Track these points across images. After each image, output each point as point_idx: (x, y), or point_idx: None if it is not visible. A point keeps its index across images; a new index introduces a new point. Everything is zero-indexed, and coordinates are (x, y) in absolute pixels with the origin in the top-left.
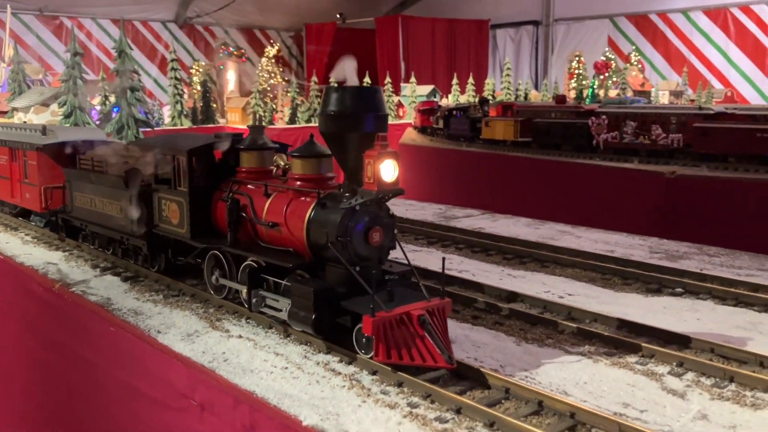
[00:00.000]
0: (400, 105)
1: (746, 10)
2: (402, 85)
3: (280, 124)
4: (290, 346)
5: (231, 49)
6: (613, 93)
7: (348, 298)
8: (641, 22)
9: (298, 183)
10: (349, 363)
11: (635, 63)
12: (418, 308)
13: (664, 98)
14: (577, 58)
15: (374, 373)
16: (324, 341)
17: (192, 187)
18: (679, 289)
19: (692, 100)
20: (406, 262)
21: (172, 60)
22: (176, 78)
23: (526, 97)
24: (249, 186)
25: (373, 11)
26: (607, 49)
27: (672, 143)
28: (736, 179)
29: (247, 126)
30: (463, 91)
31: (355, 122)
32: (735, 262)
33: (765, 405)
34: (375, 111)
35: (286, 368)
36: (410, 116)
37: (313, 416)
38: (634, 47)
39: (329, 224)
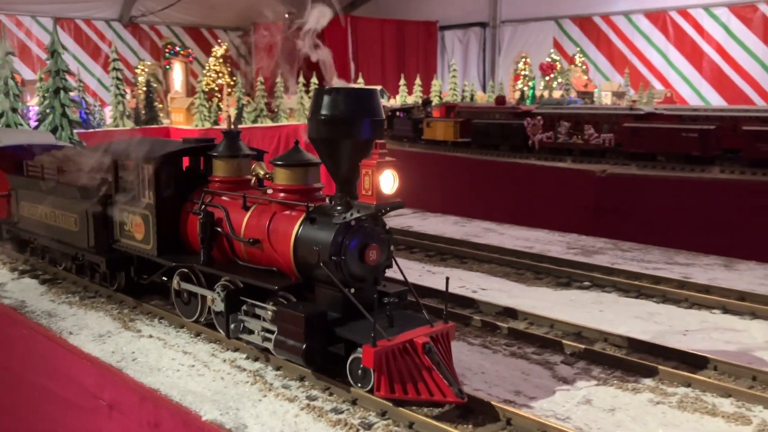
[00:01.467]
0: None
1: (684, 13)
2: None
3: (225, 125)
4: (199, 344)
5: (177, 48)
6: (557, 94)
7: (342, 324)
8: (585, 24)
9: (282, 195)
10: (255, 359)
11: (579, 64)
12: (421, 335)
13: (606, 99)
14: (523, 60)
15: (278, 368)
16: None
17: (159, 199)
18: (587, 283)
19: (634, 101)
20: (399, 278)
21: (114, 60)
22: (118, 78)
23: (472, 98)
24: (224, 197)
25: None
26: (552, 50)
27: (604, 143)
28: (661, 177)
29: (222, 131)
30: (410, 92)
31: (350, 128)
32: (646, 256)
33: (645, 389)
34: (371, 116)
35: (193, 366)
36: None
37: (214, 411)
38: (578, 49)
39: (321, 242)
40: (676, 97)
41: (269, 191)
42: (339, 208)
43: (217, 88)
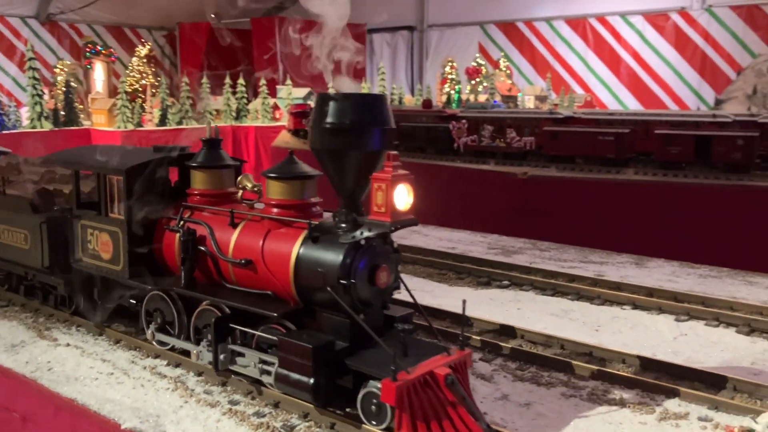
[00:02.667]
0: (276, 107)
1: (602, 20)
2: (278, 87)
3: (149, 126)
4: (118, 352)
5: (99, 47)
6: (482, 98)
7: (351, 354)
8: (509, 29)
9: (276, 210)
10: (176, 365)
11: (504, 69)
12: (441, 365)
13: (530, 103)
14: (450, 64)
15: (200, 374)
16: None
17: (131, 214)
18: (506, 282)
19: (555, 105)
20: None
21: (30, 59)
22: (35, 77)
23: (400, 101)
24: (206, 213)
25: (249, 12)
26: (478, 55)
27: (525, 146)
28: (579, 179)
29: (201, 139)
30: None
31: (359, 138)
32: (562, 255)
33: (558, 383)
34: (382, 124)
35: (112, 374)
36: (285, 119)
37: (133, 419)
38: (502, 53)
39: (327, 263)
40: (595, 101)
41: (258, 206)
42: (344, 225)
43: (140, 89)
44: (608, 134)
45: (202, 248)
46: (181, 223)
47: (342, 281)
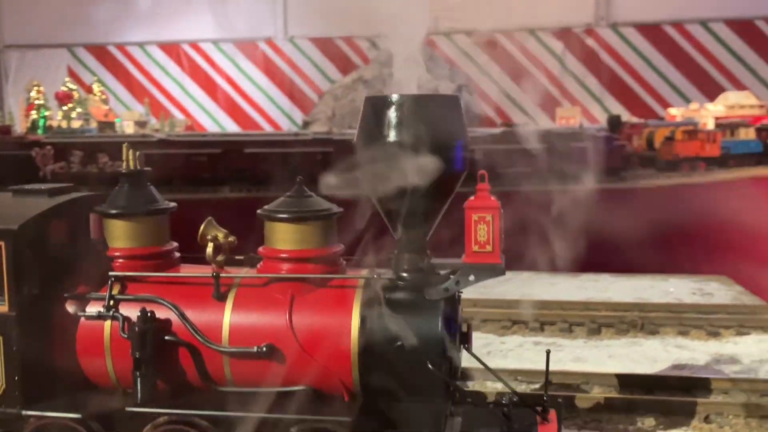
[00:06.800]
0: None
1: (196, 47)
2: None
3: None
4: None
5: None
6: (77, 124)
7: None
8: (100, 53)
9: (288, 266)
10: None
11: (98, 94)
12: None
13: (129, 128)
14: (36, 88)
15: None
16: None
17: (21, 302)
18: None
19: (156, 130)
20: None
21: None
22: None
23: None
24: (156, 284)
25: None
26: (67, 79)
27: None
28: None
29: (118, 172)
30: None
31: (439, 155)
32: None
33: None
34: (464, 137)
35: None
36: None
37: None
38: (95, 78)
39: (424, 333)
40: (195, 125)
41: (243, 269)
42: (405, 275)
43: None
44: (202, 155)
45: (170, 338)
46: (110, 303)
47: (447, 353)
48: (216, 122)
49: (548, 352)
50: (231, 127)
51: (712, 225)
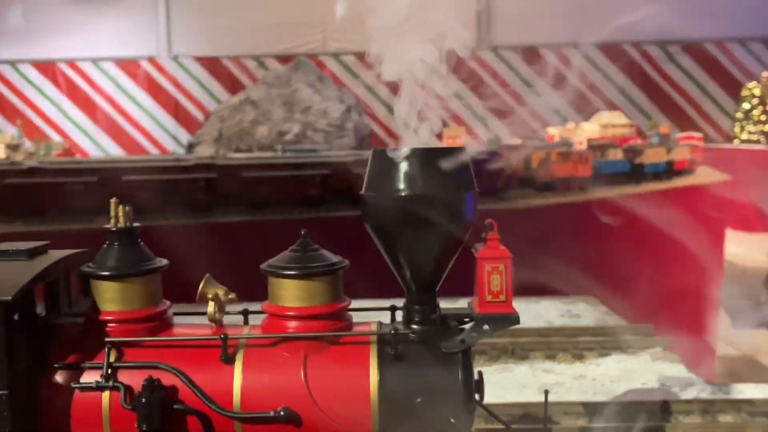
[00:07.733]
0: None
1: (74, 66)
2: None
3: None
4: None
5: None
6: None
7: None
8: None
9: (295, 324)
10: None
11: None
12: None
13: (1, 152)
14: None
15: None
16: None
17: (15, 377)
18: None
19: (32, 153)
20: None
21: None
22: None
23: None
24: (157, 347)
25: None
26: None
27: None
28: (53, 232)
29: (103, 229)
30: None
31: (449, 207)
32: None
33: None
34: (473, 188)
35: None
36: None
37: None
38: None
39: (443, 389)
40: (75, 148)
41: (245, 327)
42: (416, 327)
43: None
44: (78, 184)
45: (178, 406)
46: (108, 373)
47: (468, 406)
48: (97, 145)
49: (546, 392)
50: (114, 150)
51: (582, 244)
